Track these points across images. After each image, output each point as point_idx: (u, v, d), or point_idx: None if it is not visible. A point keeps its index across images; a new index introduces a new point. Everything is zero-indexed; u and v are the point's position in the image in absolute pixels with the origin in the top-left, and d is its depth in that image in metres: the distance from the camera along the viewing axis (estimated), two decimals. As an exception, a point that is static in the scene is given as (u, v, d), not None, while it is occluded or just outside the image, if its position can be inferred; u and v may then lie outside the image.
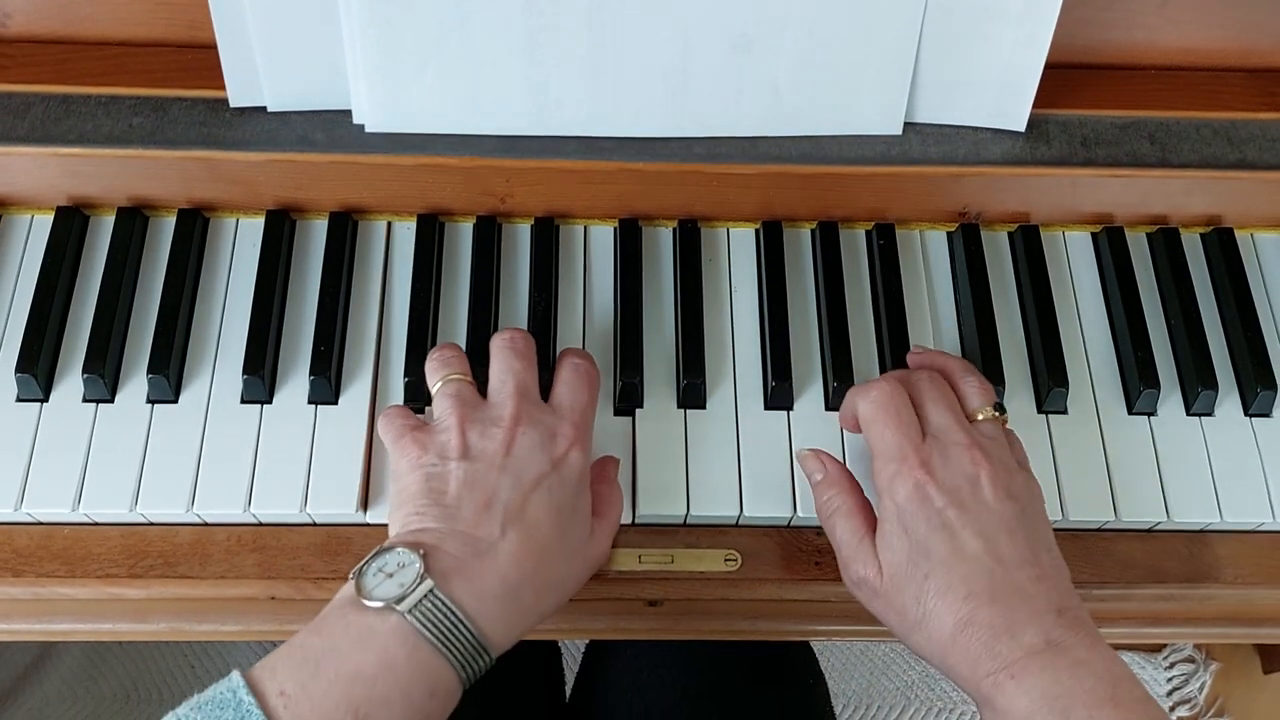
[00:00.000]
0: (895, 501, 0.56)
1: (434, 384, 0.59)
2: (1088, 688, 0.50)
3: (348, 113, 0.64)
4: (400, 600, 0.50)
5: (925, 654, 0.55)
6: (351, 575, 0.51)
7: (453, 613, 0.50)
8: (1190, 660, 1.37)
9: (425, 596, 0.50)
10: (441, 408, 0.58)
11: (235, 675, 0.48)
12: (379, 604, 0.50)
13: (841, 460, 0.63)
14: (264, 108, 0.64)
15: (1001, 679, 0.51)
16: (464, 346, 0.66)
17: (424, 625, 0.49)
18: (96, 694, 1.30)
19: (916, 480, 0.55)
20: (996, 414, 0.59)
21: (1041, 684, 0.50)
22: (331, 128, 0.64)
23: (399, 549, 0.51)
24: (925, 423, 0.58)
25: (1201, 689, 1.36)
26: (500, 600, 0.52)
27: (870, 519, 0.58)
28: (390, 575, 0.51)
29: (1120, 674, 0.51)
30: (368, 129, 0.64)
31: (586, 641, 0.92)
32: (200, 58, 0.64)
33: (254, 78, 0.62)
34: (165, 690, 1.31)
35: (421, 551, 0.51)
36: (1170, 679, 1.38)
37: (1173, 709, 1.36)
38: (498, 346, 0.60)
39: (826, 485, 0.60)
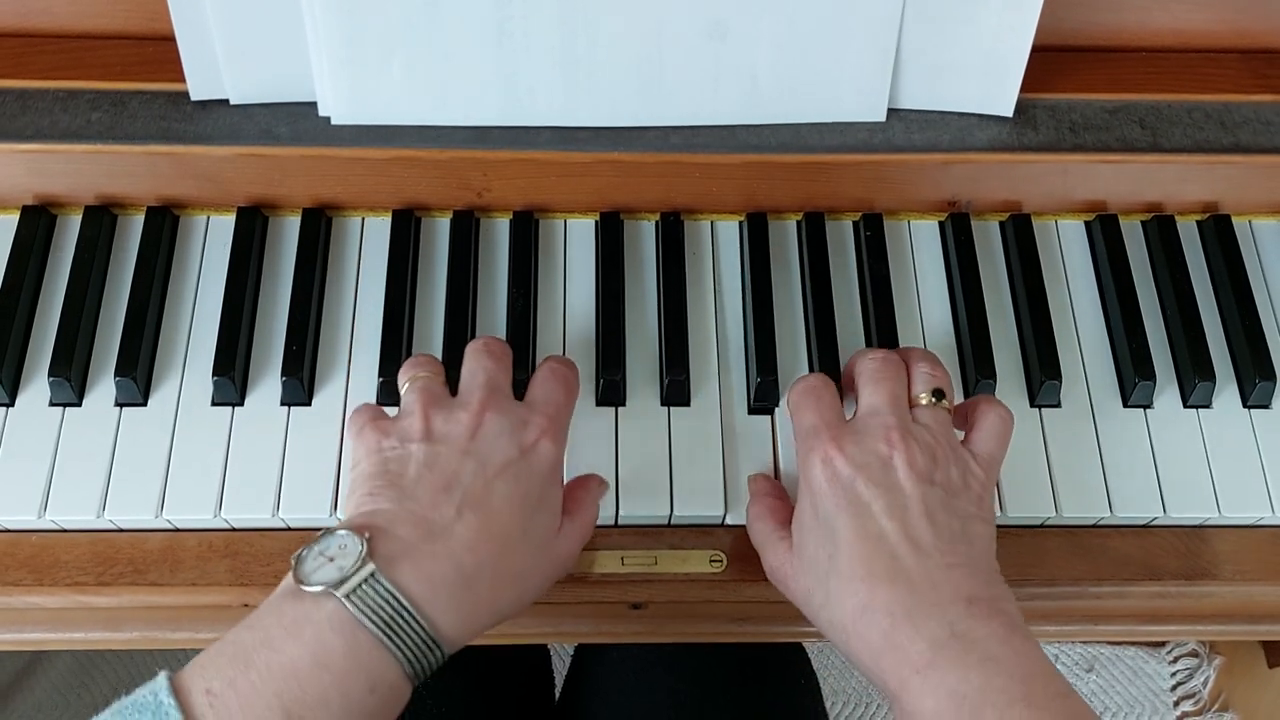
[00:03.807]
0: (809, 480, 0.55)
1: (403, 384, 0.57)
2: (998, 686, 0.47)
3: (313, 104, 0.63)
4: (339, 585, 0.46)
5: (833, 639, 0.53)
6: (292, 560, 0.48)
7: (396, 599, 0.46)
8: (1194, 655, 1.36)
9: (365, 580, 0.46)
10: (408, 399, 0.55)
11: (161, 676, 0.45)
12: (316, 589, 0.46)
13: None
14: (226, 100, 0.63)
15: (906, 674, 0.49)
16: (440, 344, 0.65)
17: (363, 612, 0.46)
18: (89, 700, 1.29)
19: (826, 454, 0.54)
20: (935, 400, 0.57)
21: (948, 683, 0.47)
22: (296, 120, 0.63)
23: (342, 531, 0.48)
24: (860, 406, 0.57)
25: (1205, 684, 1.35)
26: (452, 588, 0.49)
27: (787, 515, 0.57)
28: (331, 559, 0.47)
29: (1036, 669, 0.48)
30: (334, 121, 0.62)
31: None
32: (160, 50, 0.63)
33: (215, 69, 0.61)
34: (157, 695, 1.30)
35: (366, 535, 0.48)
36: (1174, 673, 1.37)
37: (1177, 704, 1.35)
38: (472, 350, 0.58)
39: (751, 495, 0.61)
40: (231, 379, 0.62)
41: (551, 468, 0.54)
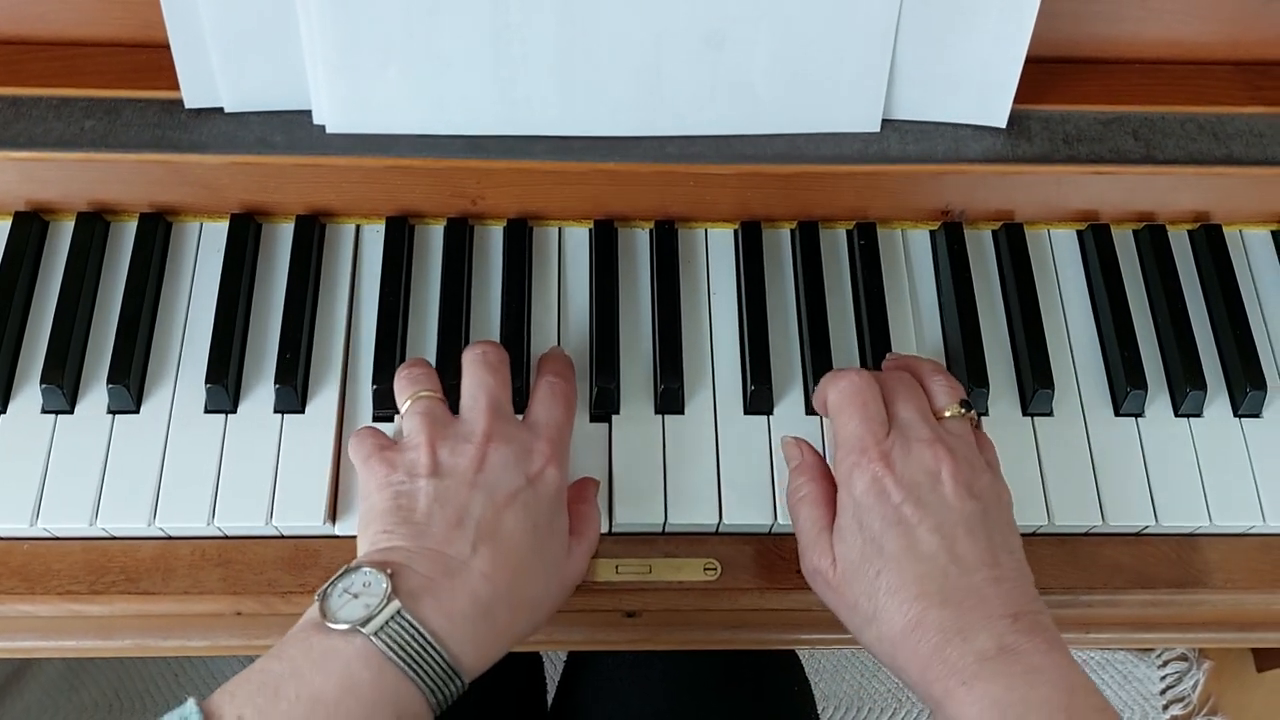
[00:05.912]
0: (853, 494, 0.54)
1: (402, 402, 0.58)
2: (1042, 696, 0.48)
3: (308, 113, 0.63)
4: (366, 622, 0.48)
5: (876, 652, 0.54)
6: (316, 597, 0.50)
7: (421, 634, 0.48)
8: (1183, 659, 1.37)
9: (392, 618, 0.48)
10: (410, 426, 0.56)
11: (190, 703, 0.46)
12: (344, 626, 0.48)
13: (822, 452, 0.61)
14: (221, 109, 0.62)
15: (952, 685, 0.50)
16: (434, 352, 0.65)
17: (390, 648, 0.48)
18: (78, 703, 1.29)
19: (874, 473, 0.54)
20: (964, 412, 0.57)
21: (993, 693, 0.49)
22: (291, 129, 0.62)
23: (365, 569, 0.50)
24: (892, 418, 0.56)
25: (1195, 687, 1.36)
26: (472, 621, 0.50)
27: (835, 507, 0.57)
28: (356, 596, 0.49)
29: (1076, 682, 0.49)
30: (328, 130, 0.62)
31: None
32: (155, 57, 0.63)
33: (209, 78, 0.61)
34: (148, 699, 1.30)
35: (389, 571, 0.50)
36: (1163, 677, 1.37)
37: (1166, 708, 1.36)
38: (470, 360, 0.58)
39: (799, 472, 0.59)
40: (224, 386, 0.62)
41: (557, 493, 0.55)
